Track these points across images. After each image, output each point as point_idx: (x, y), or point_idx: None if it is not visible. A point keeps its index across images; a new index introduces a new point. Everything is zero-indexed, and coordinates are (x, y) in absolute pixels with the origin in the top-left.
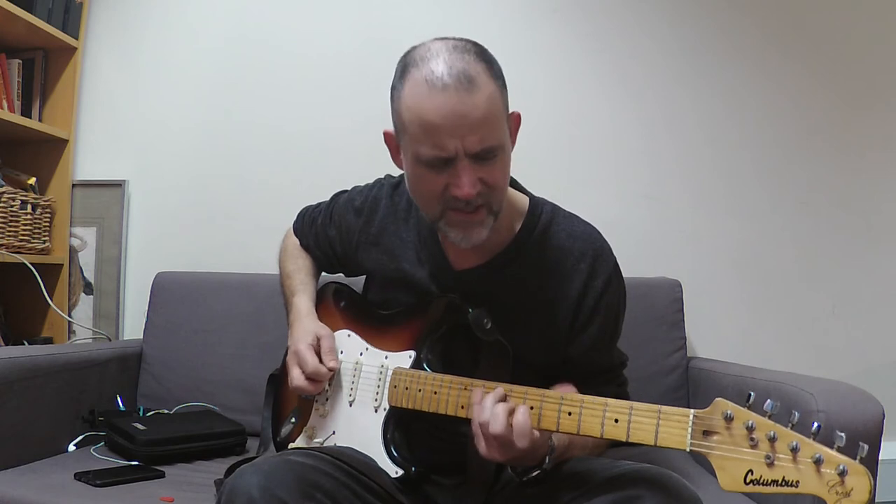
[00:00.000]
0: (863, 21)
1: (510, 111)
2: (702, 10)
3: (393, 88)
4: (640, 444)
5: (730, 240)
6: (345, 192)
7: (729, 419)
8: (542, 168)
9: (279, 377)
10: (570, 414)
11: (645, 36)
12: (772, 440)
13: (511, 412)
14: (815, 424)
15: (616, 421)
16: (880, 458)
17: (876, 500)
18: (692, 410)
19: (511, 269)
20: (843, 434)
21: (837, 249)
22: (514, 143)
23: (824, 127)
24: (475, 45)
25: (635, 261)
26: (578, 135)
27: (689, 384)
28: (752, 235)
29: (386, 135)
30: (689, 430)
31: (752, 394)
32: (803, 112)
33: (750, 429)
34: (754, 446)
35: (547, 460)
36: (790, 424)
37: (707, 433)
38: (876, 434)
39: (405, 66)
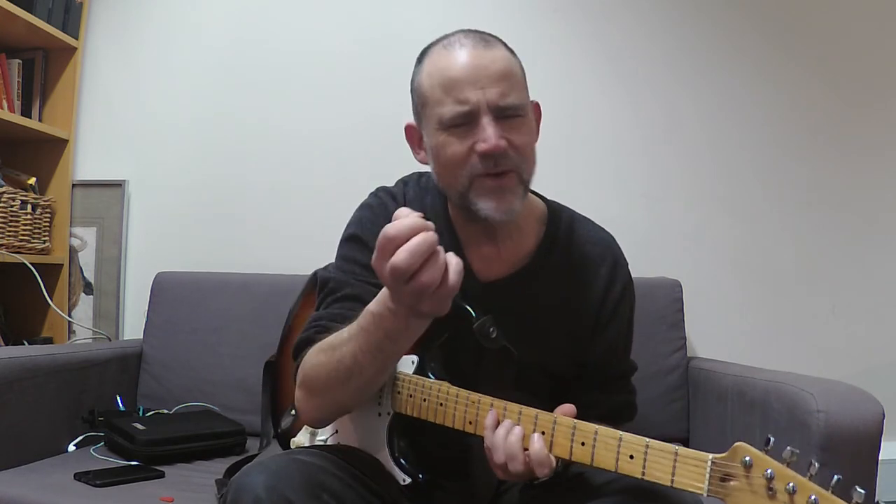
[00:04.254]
0: (863, 21)
1: (531, 99)
2: (702, 11)
3: (412, 80)
4: (656, 482)
5: (730, 240)
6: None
7: (748, 466)
8: (542, 168)
9: (276, 364)
10: (583, 444)
11: (645, 36)
12: (791, 493)
13: (525, 440)
14: (835, 477)
15: (631, 457)
16: (880, 458)
17: (876, 500)
18: (710, 455)
19: (538, 278)
20: (863, 491)
21: (837, 249)
22: (538, 135)
23: (824, 127)
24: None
25: (635, 261)
26: (578, 135)
27: (689, 384)
28: (752, 235)
29: (407, 128)
30: (707, 476)
31: (772, 438)
32: (803, 112)
33: (769, 478)
34: (773, 496)
35: (558, 464)
36: (809, 475)
37: (725, 479)
38: (876, 434)
39: (423, 54)
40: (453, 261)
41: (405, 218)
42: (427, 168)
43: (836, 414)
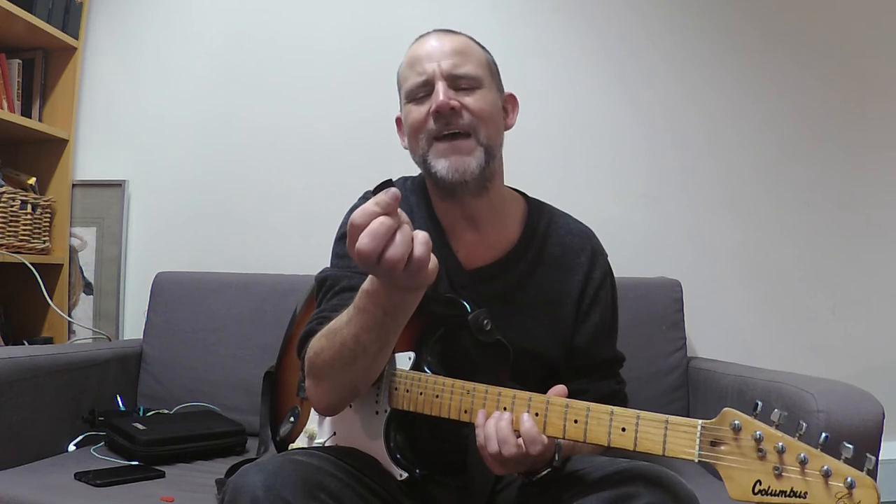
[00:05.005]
0: (863, 21)
1: (505, 91)
2: (702, 11)
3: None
4: (648, 453)
5: (730, 240)
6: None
7: (737, 430)
8: (541, 168)
9: (275, 374)
10: (575, 421)
11: (645, 36)
12: (780, 452)
13: (515, 423)
14: (823, 435)
15: (623, 430)
16: (880, 458)
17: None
18: (700, 421)
19: (521, 266)
20: (851, 446)
21: (837, 249)
22: (512, 123)
23: (824, 127)
24: None
25: (635, 261)
26: (578, 135)
27: (689, 384)
28: (752, 235)
29: (396, 119)
30: (698, 441)
31: (760, 403)
32: (803, 112)
33: (758, 440)
34: (762, 457)
35: (556, 457)
36: (798, 435)
37: (715, 443)
38: (876, 434)
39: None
40: (419, 235)
41: (367, 204)
42: (413, 172)
43: (836, 414)
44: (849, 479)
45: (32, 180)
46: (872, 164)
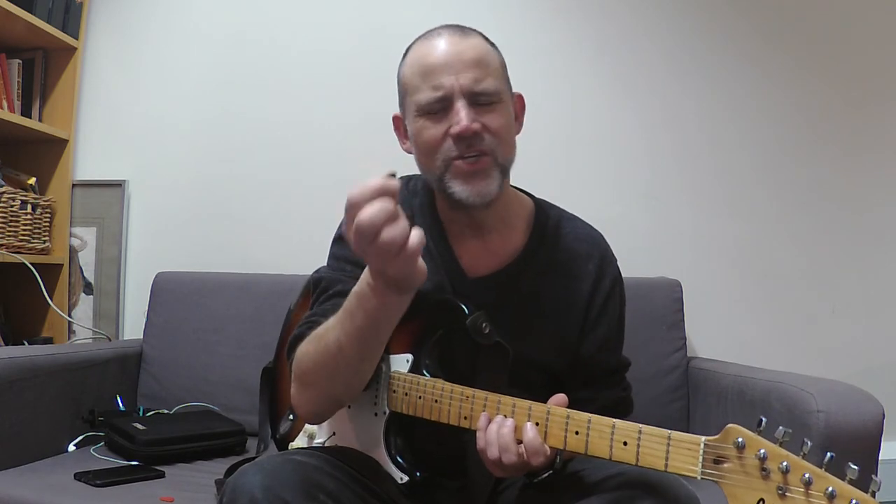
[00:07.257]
0: (863, 20)
1: (513, 91)
2: (702, 11)
3: (397, 73)
4: (650, 468)
5: (730, 240)
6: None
7: (741, 447)
8: (541, 168)
9: (273, 371)
10: (577, 433)
11: (645, 36)
12: (784, 472)
13: (518, 432)
14: (829, 455)
15: (625, 444)
16: (880, 458)
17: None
18: (703, 438)
19: (526, 274)
20: (856, 467)
21: (837, 249)
22: (520, 125)
23: (824, 127)
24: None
25: (635, 261)
26: (578, 135)
27: (689, 384)
28: (752, 235)
29: (394, 119)
30: (700, 458)
31: (764, 419)
32: (803, 112)
33: (762, 458)
34: (766, 477)
35: (558, 460)
36: (802, 453)
37: (718, 461)
38: (876, 434)
39: (407, 48)
40: (415, 231)
41: (367, 182)
42: (414, 168)
43: (836, 414)
44: (854, 502)
45: (32, 180)
46: (872, 164)
